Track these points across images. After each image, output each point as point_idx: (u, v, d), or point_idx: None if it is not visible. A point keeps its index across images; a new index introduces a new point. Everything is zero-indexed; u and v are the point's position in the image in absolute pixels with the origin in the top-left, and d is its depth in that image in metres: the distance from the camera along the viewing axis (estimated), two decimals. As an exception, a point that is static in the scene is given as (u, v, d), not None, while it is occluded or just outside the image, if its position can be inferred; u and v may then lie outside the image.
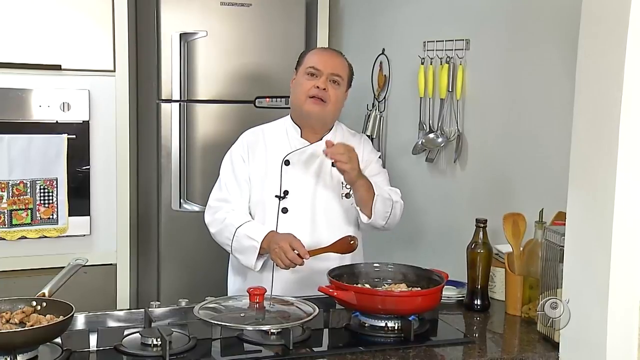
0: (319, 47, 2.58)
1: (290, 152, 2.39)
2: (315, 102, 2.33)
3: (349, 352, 1.80)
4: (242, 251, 2.32)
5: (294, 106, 2.43)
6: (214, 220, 2.40)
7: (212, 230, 2.41)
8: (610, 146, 1.64)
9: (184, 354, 1.75)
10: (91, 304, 2.18)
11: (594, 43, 1.71)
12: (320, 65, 2.35)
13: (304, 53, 2.48)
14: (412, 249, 3.03)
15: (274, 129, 2.47)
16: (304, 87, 2.35)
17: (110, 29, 3.01)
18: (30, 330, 1.65)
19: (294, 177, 2.38)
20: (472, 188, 2.83)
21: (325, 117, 2.39)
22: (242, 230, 2.31)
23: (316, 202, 2.38)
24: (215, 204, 2.42)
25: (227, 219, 2.35)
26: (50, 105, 2.89)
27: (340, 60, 2.42)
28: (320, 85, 2.32)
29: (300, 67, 2.41)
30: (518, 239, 2.19)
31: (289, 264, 2.19)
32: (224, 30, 3.23)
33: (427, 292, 1.99)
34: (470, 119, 2.83)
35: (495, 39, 2.69)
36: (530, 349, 1.90)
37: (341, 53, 2.47)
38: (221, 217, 2.37)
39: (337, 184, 2.40)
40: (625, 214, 1.65)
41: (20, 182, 2.85)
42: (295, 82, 2.42)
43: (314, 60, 2.38)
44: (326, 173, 2.40)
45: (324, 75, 2.34)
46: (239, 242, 2.32)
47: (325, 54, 2.43)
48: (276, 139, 2.43)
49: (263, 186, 2.38)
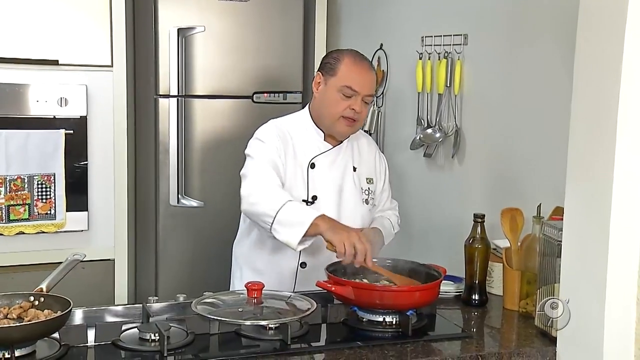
0: (352, 57, 2.27)
1: (317, 155, 2.32)
2: (348, 123, 2.26)
3: (347, 347, 1.80)
4: (288, 224, 2.09)
5: (324, 119, 2.30)
6: (255, 187, 2.18)
7: (252, 200, 2.17)
8: (608, 141, 1.64)
9: (182, 349, 1.75)
10: (89, 299, 2.18)
11: (592, 38, 1.71)
12: (357, 87, 2.23)
13: (335, 59, 2.28)
14: (410, 244, 3.03)
15: (296, 127, 2.34)
16: (339, 106, 2.24)
17: (107, 24, 3.00)
18: (28, 326, 1.65)
19: (320, 181, 2.31)
20: (470, 183, 2.83)
21: (354, 133, 2.36)
22: (293, 204, 2.12)
23: (342, 207, 2.32)
24: (262, 175, 2.20)
25: (277, 191, 2.16)
26: (48, 100, 2.89)
27: (373, 77, 2.30)
28: (356, 109, 2.24)
29: (333, 78, 2.25)
30: (516, 234, 2.19)
31: (350, 254, 2.00)
32: (221, 26, 3.22)
33: (425, 287, 1.99)
34: (468, 114, 2.83)
35: (493, 35, 2.69)
36: (527, 344, 1.90)
37: (372, 65, 2.35)
38: (268, 185, 2.18)
39: (358, 189, 2.37)
40: (623, 209, 1.65)
41: (18, 178, 2.85)
42: (326, 94, 2.27)
43: (351, 79, 2.23)
44: (349, 178, 2.36)
45: (360, 97, 2.24)
46: (287, 214, 2.09)
47: (362, 73, 2.25)
48: (301, 140, 2.33)
49: (291, 190, 2.26)
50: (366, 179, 2.40)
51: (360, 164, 2.40)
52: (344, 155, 2.37)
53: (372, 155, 2.46)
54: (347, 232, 2.04)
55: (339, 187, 2.34)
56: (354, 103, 2.23)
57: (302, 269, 2.32)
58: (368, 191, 2.39)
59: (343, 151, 2.36)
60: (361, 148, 2.44)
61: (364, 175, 2.40)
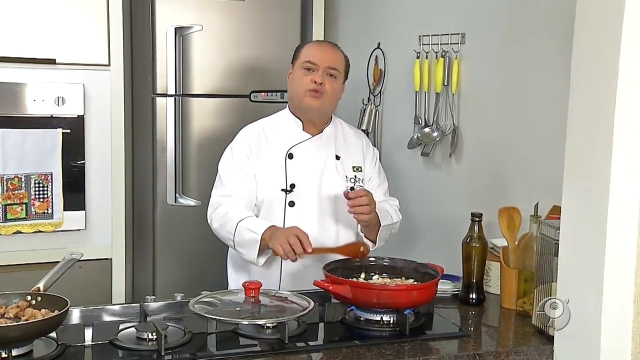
0: (315, 41, 2.56)
1: (294, 145, 2.39)
2: (312, 94, 2.34)
3: (345, 346, 1.81)
4: (244, 245, 2.26)
5: (294, 100, 2.43)
6: (215, 215, 2.35)
7: (214, 226, 2.36)
8: (605, 140, 1.64)
9: (179, 348, 1.75)
10: (86, 299, 2.18)
11: (589, 37, 1.71)
12: (316, 59, 2.35)
13: (299, 47, 2.47)
14: (407, 243, 3.03)
15: (273, 124, 2.47)
16: (302, 82, 2.35)
17: (105, 22, 2.99)
18: (25, 325, 1.65)
19: (299, 170, 2.38)
20: (468, 182, 2.83)
21: (323, 109, 2.40)
22: (244, 223, 2.26)
23: (323, 195, 2.38)
24: (217, 199, 2.38)
25: (228, 213, 2.32)
26: (45, 99, 2.88)
27: (336, 53, 2.42)
28: (317, 80, 2.33)
29: (297, 61, 2.40)
30: (513, 233, 2.19)
31: (288, 250, 2.11)
32: (219, 24, 3.22)
33: (423, 286, 2.00)
34: (466, 113, 2.83)
35: (490, 33, 2.69)
36: (525, 342, 1.90)
37: (337, 45, 2.47)
38: (222, 211, 2.33)
39: (342, 177, 2.41)
40: (620, 208, 1.65)
41: (15, 177, 2.85)
42: (293, 76, 2.42)
43: (310, 54, 2.38)
44: (331, 166, 2.41)
45: (321, 70, 2.34)
46: (240, 236, 2.26)
47: (321, 48, 2.43)
48: (277, 133, 2.43)
49: (269, 181, 2.36)
50: (352, 167, 2.44)
51: (346, 153, 2.45)
52: (326, 144, 2.43)
53: (360, 145, 2.51)
54: (282, 234, 2.15)
55: (319, 175, 2.39)
56: (315, 76, 2.34)
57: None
58: (355, 179, 2.43)
59: (325, 141, 2.43)
60: (347, 138, 2.49)
61: (349, 163, 2.44)
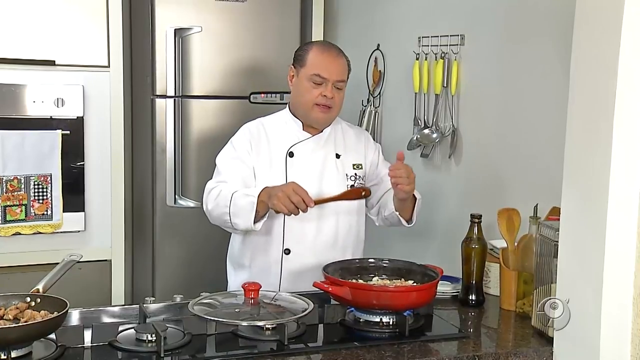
0: (320, 45, 2.40)
1: (294, 144, 2.39)
2: (322, 110, 2.34)
3: (344, 348, 1.80)
4: (239, 213, 2.23)
5: (299, 109, 2.40)
6: (210, 197, 2.33)
7: (208, 208, 2.32)
8: (604, 141, 1.64)
9: (178, 350, 1.75)
10: (86, 300, 2.18)
11: (588, 38, 1.71)
12: (325, 73, 2.31)
13: (304, 50, 2.40)
14: (407, 244, 3.03)
15: (274, 122, 2.46)
16: (311, 94, 2.33)
17: (104, 24, 2.99)
18: (24, 326, 1.65)
19: (299, 168, 2.38)
20: (467, 183, 2.83)
21: (331, 120, 2.42)
22: (238, 193, 2.25)
23: (323, 193, 2.37)
24: (212, 185, 2.36)
25: (222, 191, 2.30)
26: (45, 100, 2.88)
27: (343, 63, 2.38)
28: (328, 95, 2.32)
29: (303, 68, 2.35)
30: (513, 234, 2.19)
31: (292, 209, 2.11)
32: (218, 26, 3.22)
33: (422, 288, 1.99)
34: (465, 115, 2.83)
35: (490, 35, 2.69)
36: (524, 344, 1.90)
37: (341, 51, 2.42)
38: (216, 193, 2.31)
39: (342, 175, 2.42)
40: (619, 209, 1.65)
41: (14, 178, 2.84)
42: (300, 85, 2.37)
43: (318, 66, 2.32)
44: (331, 165, 2.42)
45: (330, 83, 2.32)
46: (236, 205, 2.24)
47: (330, 60, 2.34)
48: (278, 132, 2.42)
49: (268, 179, 2.35)
50: (353, 165, 2.45)
51: (346, 151, 2.46)
52: (326, 143, 2.43)
53: (362, 143, 2.51)
54: (282, 192, 2.14)
55: (319, 173, 2.40)
56: (325, 90, 2.32)
57: (287, 255, 2.37)
58: (355, 177, 2.44)
59: (325, 139, 2.43)
60: (348, 137, 2.50)
61: (349, 161, 2.45)
